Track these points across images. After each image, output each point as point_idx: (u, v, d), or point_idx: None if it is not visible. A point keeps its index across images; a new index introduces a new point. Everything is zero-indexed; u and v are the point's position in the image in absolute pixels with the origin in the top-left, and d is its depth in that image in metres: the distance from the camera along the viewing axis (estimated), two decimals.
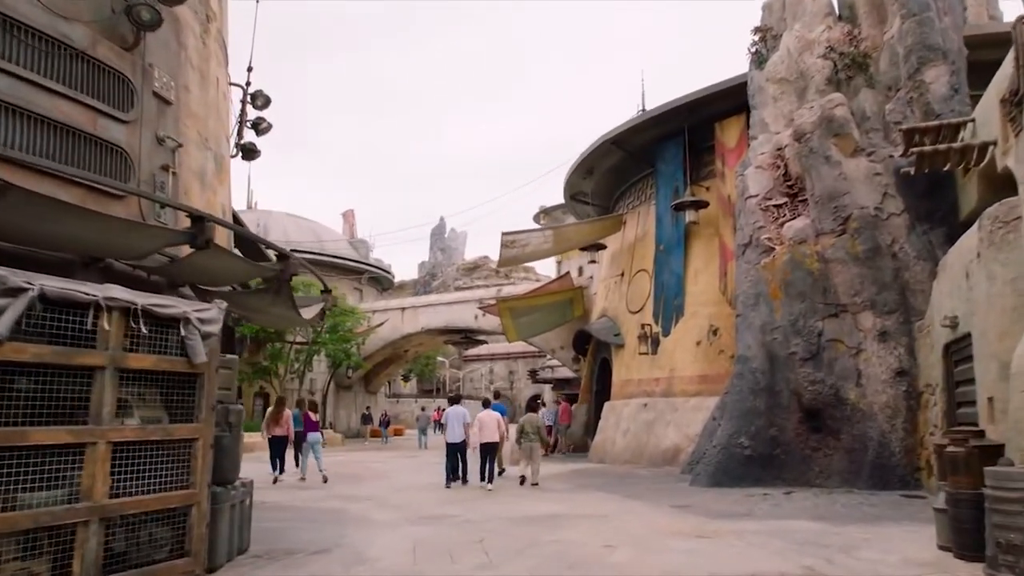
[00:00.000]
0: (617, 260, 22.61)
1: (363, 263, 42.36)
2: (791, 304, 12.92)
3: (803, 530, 7.95)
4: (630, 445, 18.64)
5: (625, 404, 19.68)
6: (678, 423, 17.46)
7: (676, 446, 17.20)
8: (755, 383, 12.97)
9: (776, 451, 12.61)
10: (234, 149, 11.64)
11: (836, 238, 12.72)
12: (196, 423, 5.69)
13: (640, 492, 12.11)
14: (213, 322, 5.76)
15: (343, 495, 12.09)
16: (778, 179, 14.35)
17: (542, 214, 54.02)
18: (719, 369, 17.23)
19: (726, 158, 18.08)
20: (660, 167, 20.11)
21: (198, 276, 7.12)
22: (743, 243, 14.37)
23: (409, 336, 34.67)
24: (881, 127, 13.23)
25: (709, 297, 18.02)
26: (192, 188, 8.25)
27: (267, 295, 7.49)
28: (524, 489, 12.99)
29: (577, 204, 25.36)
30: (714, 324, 17.74)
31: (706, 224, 18.44)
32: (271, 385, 31.37)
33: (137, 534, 5.23)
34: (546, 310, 24.39)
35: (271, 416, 15.38)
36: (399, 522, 8.99)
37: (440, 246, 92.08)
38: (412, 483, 14.15)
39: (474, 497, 11.82)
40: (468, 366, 72.19)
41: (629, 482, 13.96)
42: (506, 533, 8.02)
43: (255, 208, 43.54)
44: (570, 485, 13.55)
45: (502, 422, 14.10)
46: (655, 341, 19.04)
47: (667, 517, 9.20)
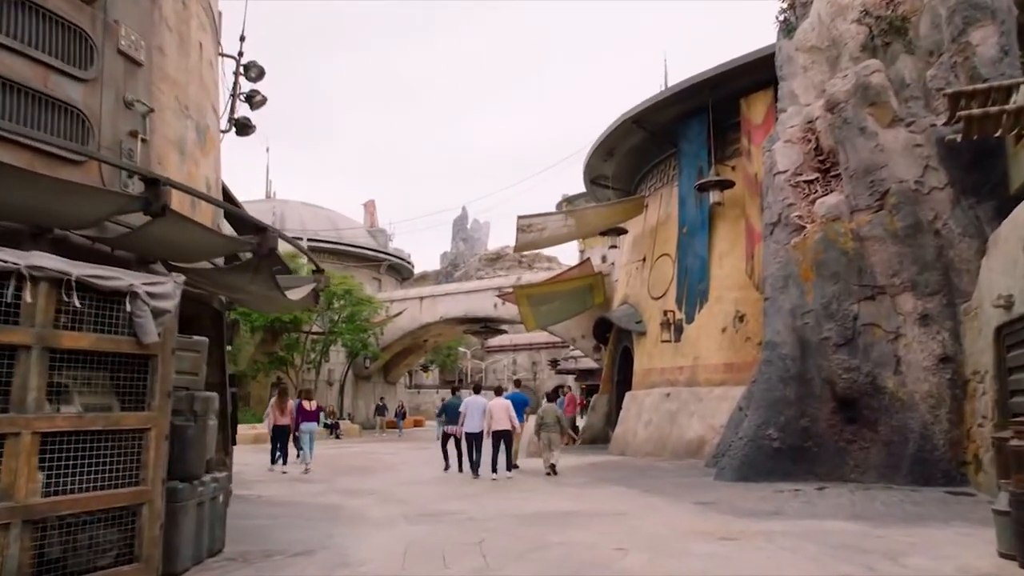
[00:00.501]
0: (639, 244, 21.75)
1: (381, 252, 41.80)
2: (823, 286, 12.03)
3: (839, 532, 7.14)
4: (652, 437, 17.84)
5: (647, 394, 18.87)
6: (702, 414, 16.63)
7: (700, 438, 16.38)
8: (785, 371, 12.11)
9: (807, 443, 11.75)
10: (227, 124, 11.05)
11: (873, 215, 11.79)
12: (148, 411, 5.03)
13: (661, 487, 11.34)
14: (167, 297, 5.09)
15: (346, 489, 11.47)
16: (809, 153, 13.43)
17: (564, 203, 53.05)
18: (746, 357, 16.36)
19: (752, 135, 17.14)
20: (683, 146, 19.21)
21: (165, 250, 6.46)
22: (771, 222, 13.48)
23: (428, 326, 34.07)
24: (921, 95, 12.25)
25: (735, 281, 17.13)
26: (169, 158, 7.60)
27: (245, 273, 6.82)
28: (536, 483, 12.28)
29: (597, 188, 24.50)
30: (740, 310, 16.86)
31: (731, 205, 17.53)
32: (287, 376, 30.96)
33: (75, 537, 4.59)
34: (565, 297, 23.60)
35: (275, 405, 15.17)
36: (396, 519, 8.31)
37: (462, 236, 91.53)
38: (420, 476, 13.50)
39: (483, 491, 11.13)
40: (491, 357, 71.62)
41: (650, 476, 13.18)
42: (509, 533, 7.30)
43: (273, 197, 43.16)
44: (587, 479, 12.81)
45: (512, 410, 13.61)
46: (678, 328, 18.19)
47: (688, 515, 8.43)
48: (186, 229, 5.89)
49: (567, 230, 20.45)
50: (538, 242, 20.64)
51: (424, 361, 51.14)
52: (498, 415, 13.23)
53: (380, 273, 41.38)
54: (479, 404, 13.63)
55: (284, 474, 14.42)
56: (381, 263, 41.33)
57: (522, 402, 15.47)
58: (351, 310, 30.35)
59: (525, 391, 17.38)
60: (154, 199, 5.31)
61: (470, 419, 13.44)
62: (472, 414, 13.48)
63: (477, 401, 13.72)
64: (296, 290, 8.25)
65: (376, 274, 40.90)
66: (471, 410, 13.56)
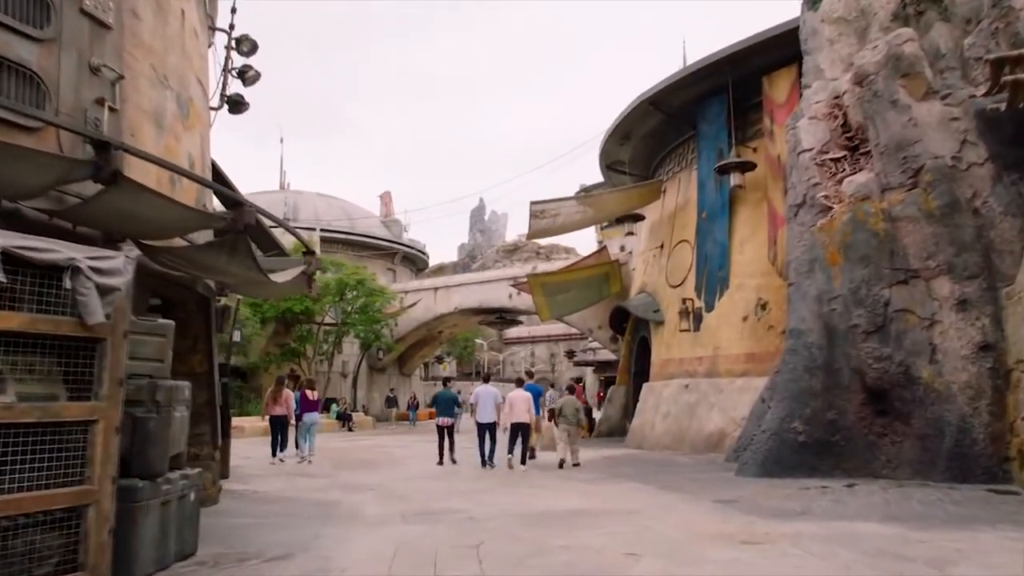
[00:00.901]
0: (656, 231, 21.04)
1: (396, 242, 41.31)
2: (852, 270, 11.29)
3: (875, 535, 6.46)
4: (670, 429, 17.17)
5: (665, 385, 18.19)
6: (723, 406, 15.94)
7: (720, 431, 15.70)
8: (810, 360, 11.40)
9: (835, 437, 11.05)
10: (218, 100, 10.51)
11: (905, 193, 11.02)
12: (94, 401, 4.48)
13: (678, 483, 10.69)
14: (115, 273, 4.53)
15: (346, 484, 10.93)
16: (835, 130, 12.66)
17: (582, 193, 52.40)
18: (768, 346, 15.65)
19: (775, 115, 16.36)
20: (702, 128, 18.46)
21: (130, 225, 5.91)
22: (796, 203, 12.74)
23: (442, 317, 33.54)
24: (958, 65, 11.43)
25: (757, 268, 16.40)
26: (143, 129, 7.06)
27: (221, 252, 6.26)
28: (547, 477, 11.68)
29: (614, 174, 23.77)
30: (762, 297, 16.13)
31: (753, 188, 16.78)
32: (300, 367, 30.58)
33: (7, 543, 4.05)
34: (581, 287, 22.95)
35: (270, 395, 14.86)
36: (392, 518, 7.74)
37: (480, 227, 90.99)
38: (425, 471, 12.95)
39: (491, 486, 10.55)
40: (508, 349, 71.12)
41: (667, 471, 12.53)
42: (511, 535, 6.70)
43: (287, 189, 42.81)
44: (600, 474, 12.19)
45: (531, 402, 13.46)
46: (697, 317, 17.49)
47: (707, 515, 7.78)
48: (148, 201, 5.34)
49: (582, 216, 19.77)
50: (552, 229, 19.99)
51: (440, 353, 50.67)
52: (518, 407, 13.00)
53: (394, 264, 40.89)
54: (490, 394, 13.46)
55: (282, 463, 14.11)
56: (395, 254, 40.84)
57: (537, 393, 15.34)
58: (364, 300, 29.88)
59: (542, 383, 17.15)
60: (104, 164, 4.75)
61: (482, 409, 13.24)
62: (484, 404, 13.27)
63: (488, 391, 13.55)
64: (283, 273, 7.70)
65: (390, 265, 40.42)
66: (483, 400, 13.36)
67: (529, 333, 68.88)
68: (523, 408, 13.06)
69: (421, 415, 37.56)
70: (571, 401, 14.17)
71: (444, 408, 14.19)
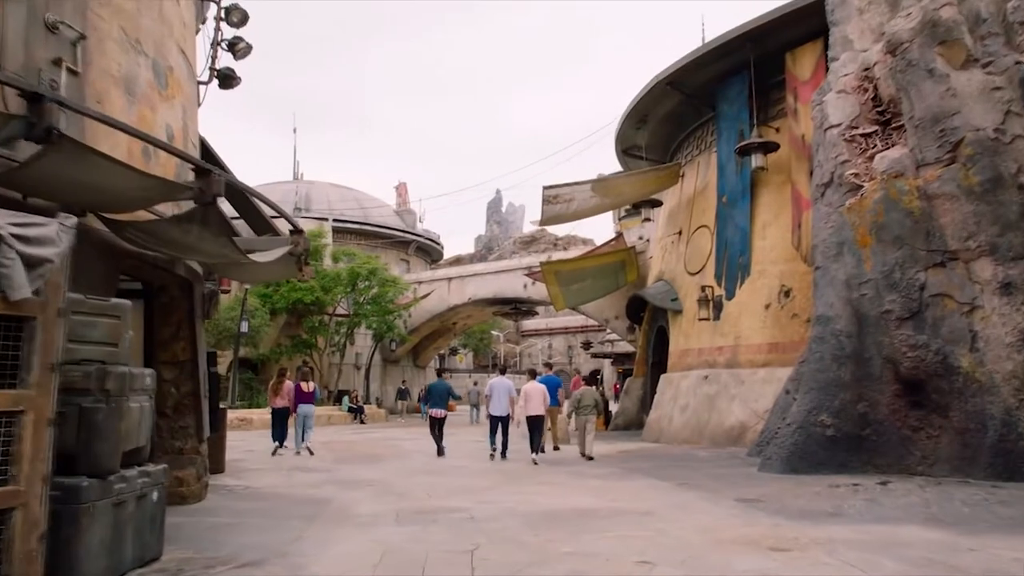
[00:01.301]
0: (674, 217, 20.28)
1: (410, 232, 40.78)
2: (884, 252, 10.53)
3: (919, 541, 5.77)
4: (689, 422, 16.47)
5: (683, 376, 17.48)
6: (744, 397, 15.22)
7: (742, 424, 14.98)
8: (839, 348, 10.67)
9: (866, 431, 10.32)
10: (207, 74, 9.93)
11: (943, 168, 10.23)
12: (20, 389, 3.89)
13: (697, 479, 10.02)
14: (46, 243, 3.93)
15: (345, 479, 10.36)
16: (865, 104, 11.87)
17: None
18: (792, 335, 14.91)
19: (799, 92, 15.56)
20: (722, 108, 17.67)
21: (84, 194, 5.32)
22: (822, 183, 11.98)
23: (456, 308, 32.96)
24: (1001, 31, 10.59)
25: (780, 253, 15.64)
26: (110, 96, 6.47)
27: (191, 226, 5.66)
28: (558, 472, 11.05)
29: (630, 160, 23.01)
30: (786, 284, 15.37)
31: (776, 170, 16.00)
32: (312, 359, 30.15)
33: None
34: (596, 275, 22.26)
35: (272, 387, 14.79)
36: (385, 518, 7.15)
37: (496, 219, 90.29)
38: (430, 465, 12.35)
39: (496, 483, 9.93)
40: (525, 341, 70.50)
41: (685, 466, 11.86)
42: (512, 539, 6.08)
43: (301, 179, 42.39)
44: (614, 469, 11.53)
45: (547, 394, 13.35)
46: (717, 305, 16.76)
47: (729, 516, 7.11)
48: (98, 166, 4.74)
49: (597, 201, 19.05)
50: (565, 215, 19.29)
51: (455, 344, 50.18)
52: (534, 400, 12.87)
53: (408, 254, 40.38)
54: (504, 386, 13.35)
55: (281, 455, 13.77)
56: (409, 244, 40.32)
57: (556, 385, 15.41)
58: (377, 291, 29.36)
59: (560, 376, 16.86)
60: (37, 119, 4.17)
61: (496, 402, 13.15)
62: (498, 397, 13.17)
63: (503, 383, 13.44)
64: (266, 253, 7.10)
65: (404, 255, 39.91)
66: (496, 392, 13.26)
67: (547, 325, 68.18)
68: (539, 400, 12.90)
69: None
70: (589, 391, 14.05)
71: (438, 399, 14.08)
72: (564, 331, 65.96)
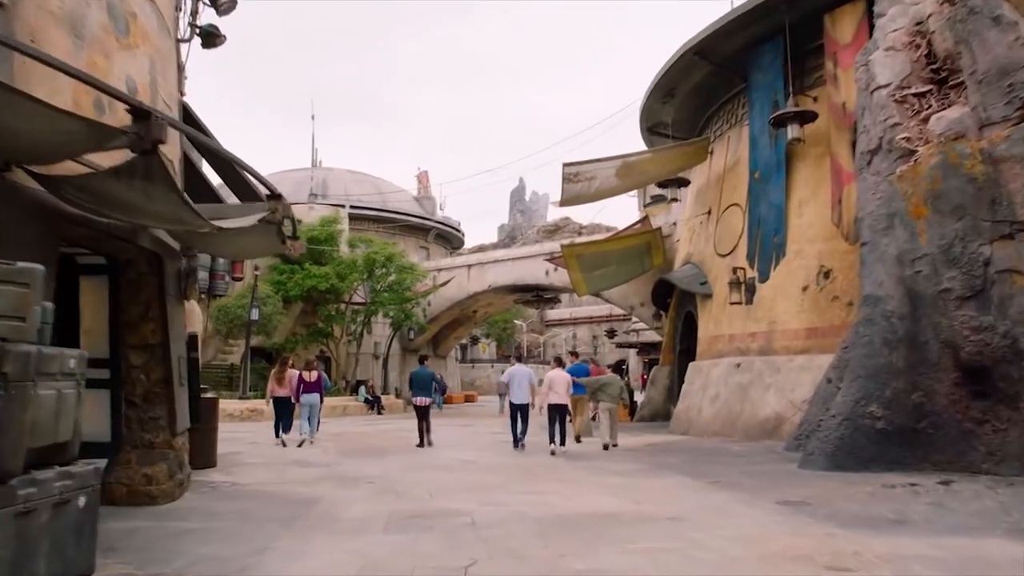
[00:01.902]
0: (703, 196, 19.16)
1: (429, 219, 39.90)
2: (943, 223, 9.40)
3: (1007, 560, 4.74)
4: (720, 414, 15.41)
5: (714, 364, 16.41)
6: (780, 387, 14.12)
7: (777, 415, 13.90)
8: (890, 332, 9.58)
9: (921, 424, 9.23)
10: (188, 32, 9.05)
11: (1011, 128, 9.06)
12: None
13: (732, 477, 9.00)
14: None
15: (343, 475, 9.49)
16: (918, 61, 10.70)
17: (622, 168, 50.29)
18: (832, 320, 13.78)
19: (839, 58, 14.36)
20: (755, 78, 16.50)
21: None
22: (869, 149, 10.85)
23: (476, 295, 32.02)
24: None
25: (818, 232, 14.49)
26: (49, 36, 5.58)
27: (133, 180, 4.76)
28: (578, 468, 10.09)
29: (656, 138, 21.85)
30: (825, 265, 14.22)
31: (814, 142, 14.82)
32: (330, 349, 29.45)
33: None
34: (620, 259, 21.20)
35: (274, 376, 14.18)
36: (374, 523, 6.23)
37: (520, 207, 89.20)
38: (438, 459, 11.45)
39: (507, 479, 8.99)
40: (549, 331, 69.56)
41: (717, 461, 10.84)
42: (516, 552, 5.13)
43: (319, 166, 41.68)
44: (639, 464, 10.55)
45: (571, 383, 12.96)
46: (750, 288, 15.64)
47: (773, 523, 6.11)
48: (11, 103, 3.85)
49: (620, 180, 17.97)
50: (586, 195, 18.23)
51: (476, 334, 49.36)
52: (558, 387, 12.50)
53: (428, 241, 39.52)
54: (524, 374, 13.09)
55: (286, 447, 13.16)
56: (429, 231, 39.44)
57: (584, 373, 14.88)
58: (395, 277, 28.53)
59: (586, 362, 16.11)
60: None
61: (516, 389, 12.89)
62: (517, 384, 12.90)
63: (521, 371, 13.19)
64: (237, 220, 6.20)
65: (424, 242, 39.06)
66: (516, 380, 13.00)
67: (571, 315, 67.12)
68: (563, 388, 12.54)
69: (455, 398, 36.39)
70: (614, 379, 13.73)
71: (421, 387, 13.63)
72: (588, 320, 64.84)
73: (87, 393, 7.12)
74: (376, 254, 27.64)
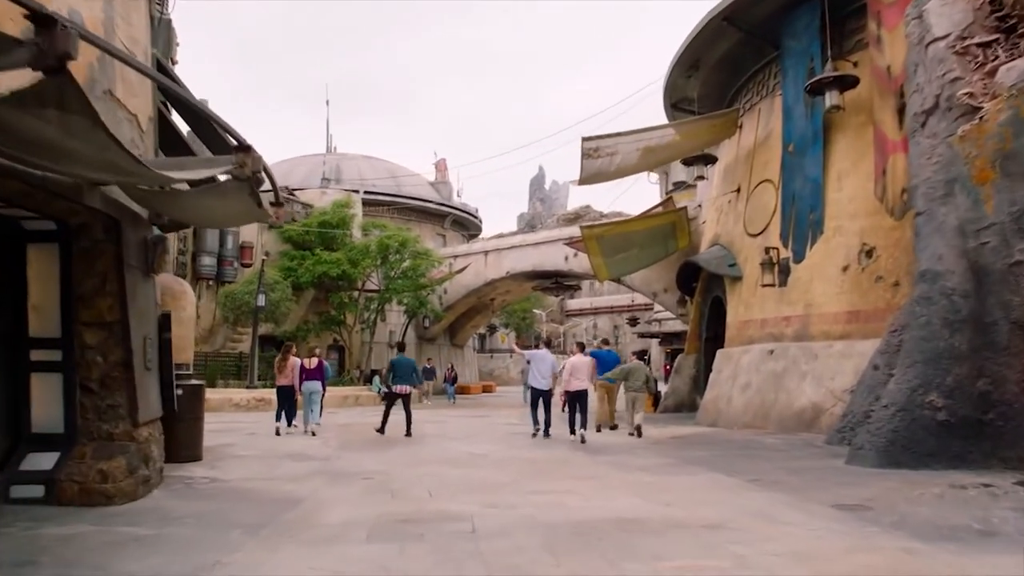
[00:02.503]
0: (731, 173, 18.02)
1: (445, 205, 38.92)
2: (1013, 188, 8.27)
3: None
4: (751, 403, 14.34)
5: (744, 351, 15.32)
6: (818, 375, 13.02)
7: (815, 405, 12.81)
8: (952, 311, 8.49)
9: (988, 415, 8.15)
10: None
11: None
12: None
13: (773, 474, 7.98)
14: None
15: (338, 470, 8.58)
16: (981, 8, 9.56)
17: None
18: (876, 302, 12.66)
19: (883, 17, 13.13)
20: (788, 44, 15.32)
21: None
22: (923, 110, 9.71)
23: (493, 283, 31.03)
24: None
25: (860, 206, 13.35)
26: None
27: (44, 111, 3.83)
28: (598, 462, 9.10)
29: (680, 115, 20.68)
30: (867, 242, 13.08)
31: (854, 110, 13.65)
32: (343, 337, 28.66)
33: None
34: (643, 242, 20.11)
35: (276, 364, 13.63)
36: (357, 529, 5.30)
37: (540, 196, 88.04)
38: (448, 453, 10.52)
39: (520, 475, 8.03)
40: (569, 320, 68.54)
41: (753, 455, 9.81)
42: (520, 570, 4.16)
43: (334, 152, 40.86)
44: (667, 459, 9.54)
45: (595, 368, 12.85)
46: (784, 269, 14.53)
47: (833, 533, 5.09)
48: None
49: (643, 156, 16.87)
50: (607, 172, 17.15)
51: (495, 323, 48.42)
52: (580, 373, 12.28)
53: (444, 228, 38.56)
54: (547, 360, 12.76)
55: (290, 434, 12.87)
56: (445, 217, 38.47)
57: (614, 361, 14.77)
58: (410, 263, 27.62)
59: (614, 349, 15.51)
60: None
61: (538, 374, 12.57)
62: (538, 369, 12.59)
63: (545, 356, 12.87)
64: (190, 172, 5.26)
65: (440, 229, 38.10)
66: (536, 364, 12.71)
67: (591, 304, 65.97)
68: (586, 374, 12.35)
69: (472, 388, 35.48)
70: (640, 366, 13.45)
71: (403, 375, 13.16)
72: (609, 310, 63.65)
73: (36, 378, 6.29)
74: (390, 239, 26.74)
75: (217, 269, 24.47)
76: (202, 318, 24.85)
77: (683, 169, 41.69)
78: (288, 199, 28.47)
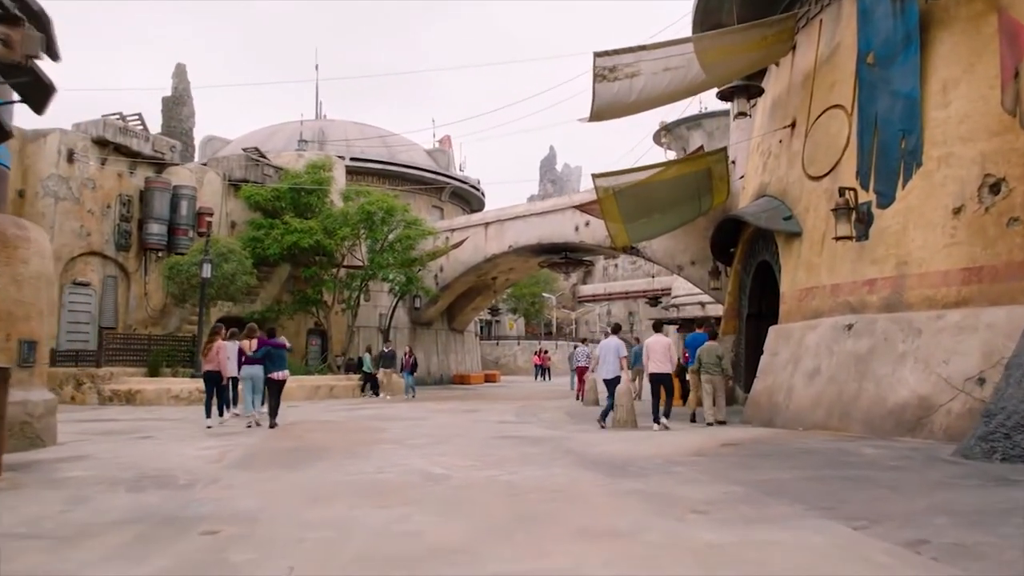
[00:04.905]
0: (781, 106, 14.37)
1: (443, 175, 35.33)
2: None
3: None
4: (823, 397, 10.74)
5: (809, 327, 11.69)
6: (922, 357, 9.40)
7: (921, 399, 9.20)
8: None
9: None
10: None
11: None
12: None
13: (914, 516, 4.40)
14: None
15: (185, 512, 5.11)
16: None
17: (663, 132, 44.83)
18: (1010, 254, 9.06)
19: None
20: None
21: None
22: None
23: (494, 259, 27.50)
24: None
25: (978, 125, 9.72)
26: None
27: None
28: (630, 495, 5.57)
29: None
30: (992, 172, 9.45)
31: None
32: (322, 319, 25.26)
33: None
34: (670, 199, 16.50)
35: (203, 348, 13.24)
36: None
37: (551, 178, 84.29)
38: (386, 475, 6.97)
39: (494, 525, 4.51)
40: (581, 307, 65.02)
41: (860, 479, 6.22)
42: None
43: (323, 118, 37.37)
44: (731, 486, 5.95)
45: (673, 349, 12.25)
46: (864, 218, 10.90)
47: None
48: None
49: (672, 79, 13.15)
50: (624, 101, 13.39)
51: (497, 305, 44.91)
52: (657, 356, 11.79)
53: (442, 200, 34.98)
54: (613, 347, 11.95)
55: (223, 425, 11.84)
56: (443, 188, 34.88)
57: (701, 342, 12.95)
58: (398, 234, 24.14)
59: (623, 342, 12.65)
60: None
61: (604, 365, 11.99)
62: (606, 359, 11.97)
63: (611, 344, 12.04)
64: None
65: (437, 201, 34.54)
66: (604, 354, 12.08)
67: (605, 290, 62.52)
68: (663, 356, 11.77)
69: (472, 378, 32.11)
70: (712, 347, 12.43)
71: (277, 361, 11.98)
72: (624, 296, 60.11)
73: None
74: (372, 205, 23.18)
75: (168, 239, 21.06)
76: (152, 296, 21.46)
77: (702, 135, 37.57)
78: (259, 161, 25.02)
